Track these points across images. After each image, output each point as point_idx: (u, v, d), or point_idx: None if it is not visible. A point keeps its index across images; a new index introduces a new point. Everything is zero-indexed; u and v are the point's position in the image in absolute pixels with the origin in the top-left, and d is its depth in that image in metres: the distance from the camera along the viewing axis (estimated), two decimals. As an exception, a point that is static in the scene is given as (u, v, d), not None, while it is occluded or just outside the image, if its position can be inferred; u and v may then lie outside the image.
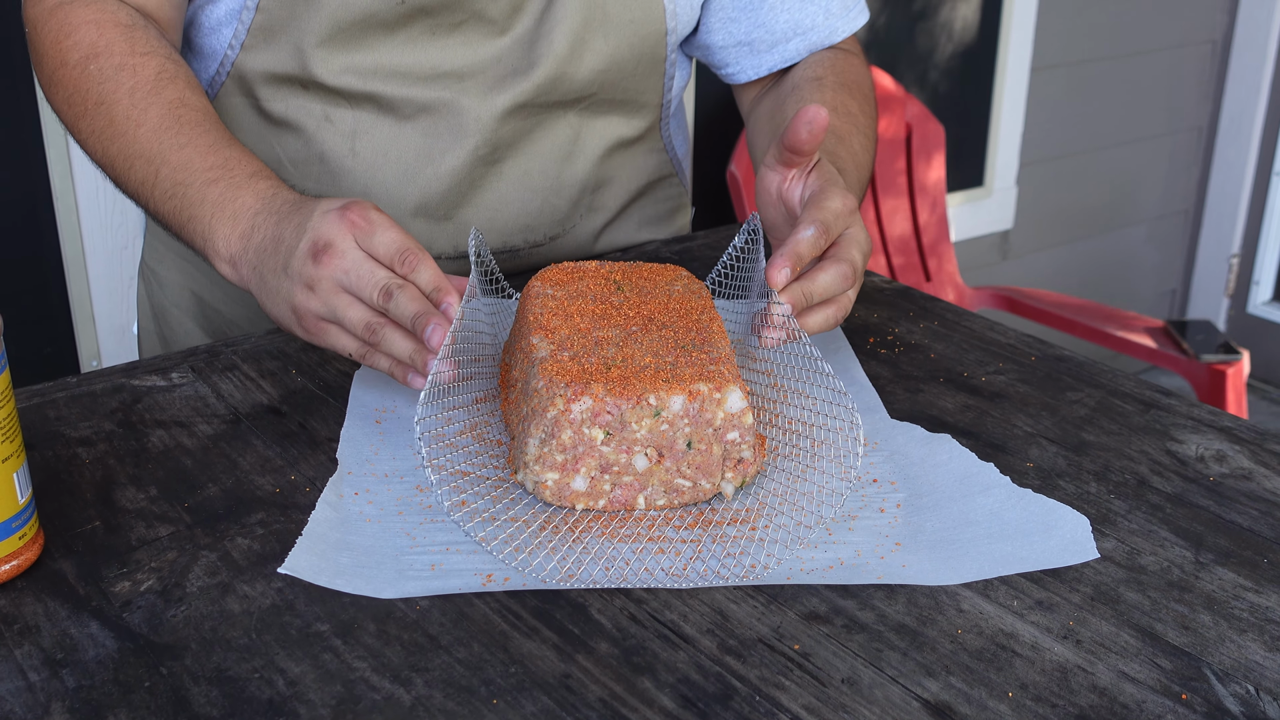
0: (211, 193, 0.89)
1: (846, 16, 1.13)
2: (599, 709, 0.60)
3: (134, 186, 0.95)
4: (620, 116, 1.13)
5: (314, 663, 0.63)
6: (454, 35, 1.03)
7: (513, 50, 1.04)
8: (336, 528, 0.72)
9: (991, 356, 0.97)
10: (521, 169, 1.09)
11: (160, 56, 0.96)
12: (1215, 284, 3.46)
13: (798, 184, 0.88)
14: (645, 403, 0.73)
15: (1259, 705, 0.61)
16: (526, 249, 1.12)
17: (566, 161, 1.11)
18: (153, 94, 0.93)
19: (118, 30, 0.96)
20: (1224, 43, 3.27)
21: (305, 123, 1.05)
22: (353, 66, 1.02)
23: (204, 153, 0.90)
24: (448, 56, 1.03)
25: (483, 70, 1.04)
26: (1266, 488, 0.79)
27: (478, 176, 1.08)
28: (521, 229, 1.11)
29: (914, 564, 0.71)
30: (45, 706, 0.60)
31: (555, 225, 1.12)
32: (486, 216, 1.09)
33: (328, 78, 1.02)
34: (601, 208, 1.16)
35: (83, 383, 0.90)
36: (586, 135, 1.11)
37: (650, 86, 1.12)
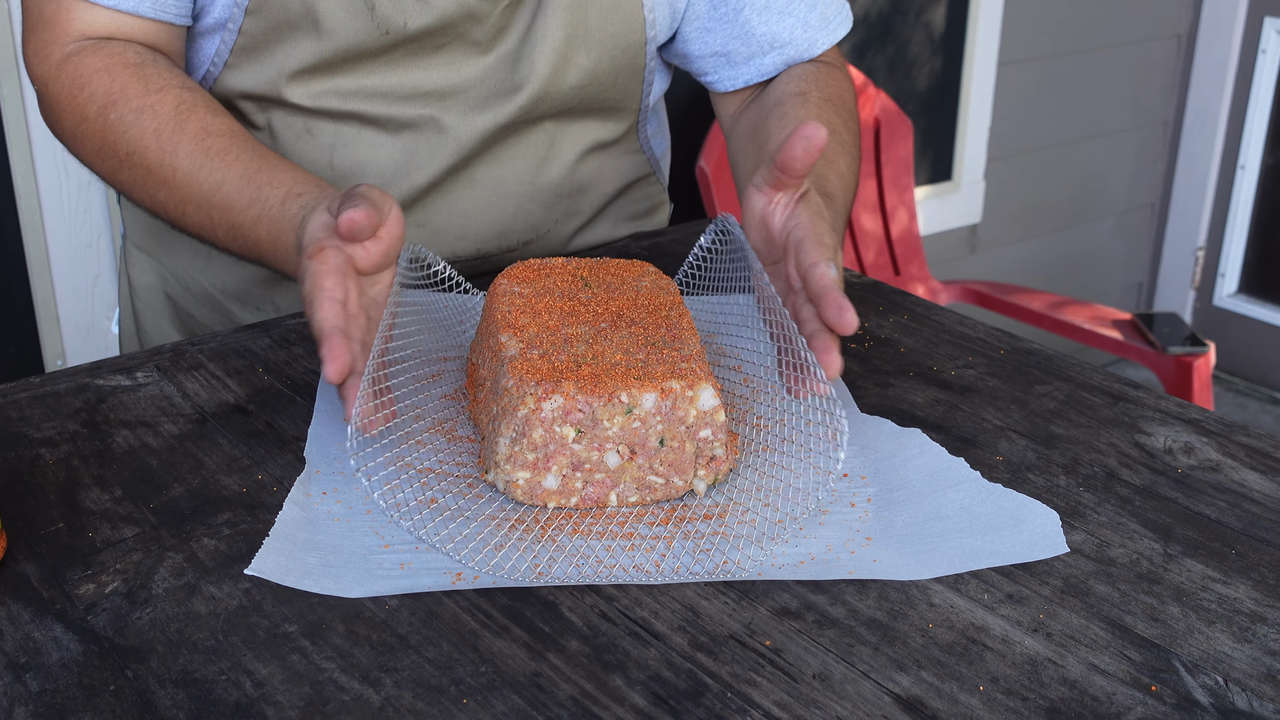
0: (261, 233, 0.90)
1: (826, 29, 1.11)
2: (570, 707, 0.60)
3: (195, 231, 0.96)
4: (596, 121, 1.12)
5: (282, 664, 0.62)
6: (436, 56, 1.02)
7: (496, 69, 1.03)
8: (304, 527, 0.72)
9: (961, 350, 0.97)
10: (495, 175, 1.08)
11: (175, 89, 0.95)
12: (1182, 277, 3.49)
13: (782, 211, 0.85)
14: (617, 400, 0.73)
15: (1227, 696, 0.61)
16: (499, 254, 1.11)
17: (542, 167, 1.10)
18: (177, 130, 0.93)
19: (129, 72, 0.95)
20: (1189, 37, 3.29)
21: (284, 134, 1.04)
22: (333, 89, 1.02)
23: (239, 187, 0.91)
24: (430, 76, 1.02)
25: (465, 90, 1.03)
26: (1234, 479, 0.80)
27: (451, 185, 1.07)
28: (495, 235, 1.10)
29: (885, 559, 0.71)
30: (8, 711, 0.59)
31: (529, 230, 1.12)
32: (460, 224, 1.09)
33: (306, 101, 1.02)
34: (578, 212, 1.15)
35: (46, 382, 0.89)
36: (561, 140, 1.10)
37: (629, 94, 1.11)
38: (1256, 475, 0.80)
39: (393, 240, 0.80)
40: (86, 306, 1.87)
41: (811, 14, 1.10)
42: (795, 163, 0.81)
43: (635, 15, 1.05)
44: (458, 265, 1.10)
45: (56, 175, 1.79)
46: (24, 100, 1.74)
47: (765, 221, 0.86)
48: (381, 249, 0.80)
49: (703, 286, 0.97)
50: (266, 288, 1.11)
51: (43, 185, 1.79)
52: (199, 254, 1.12)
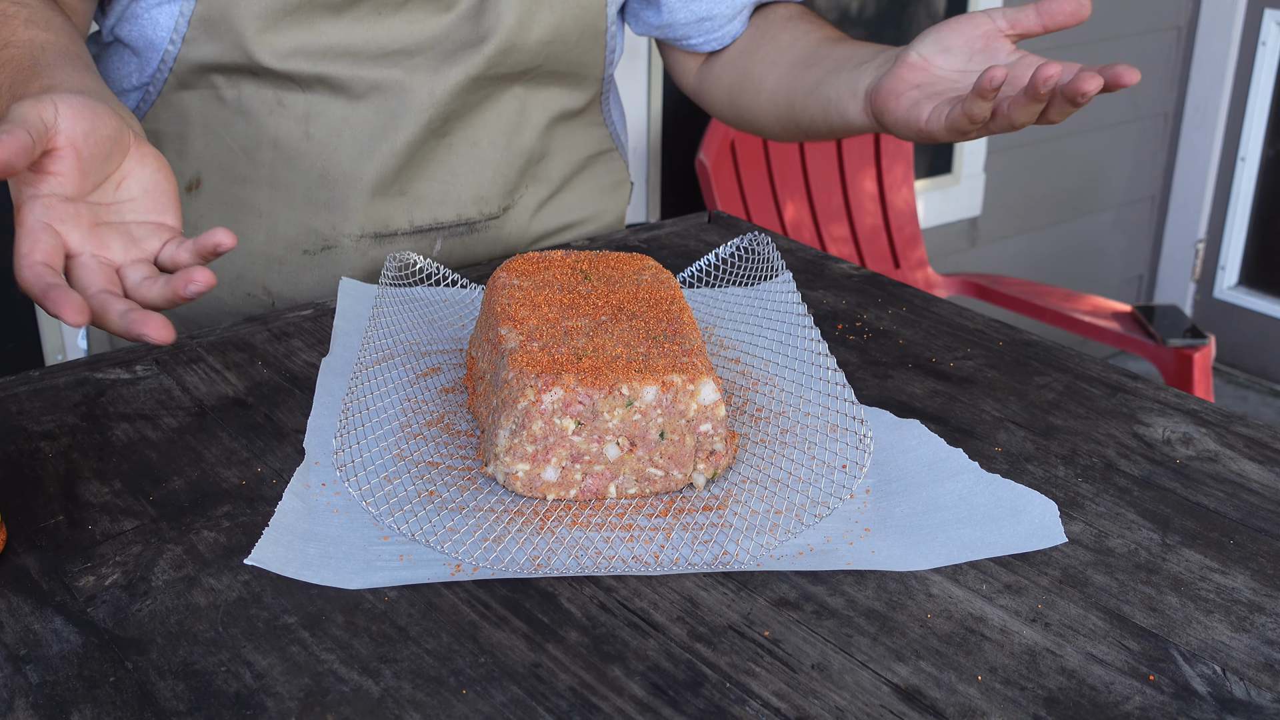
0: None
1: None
2: (569, 698, 0.60)
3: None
4: (563, 88, 1.14)
5: (281, 655, 0.62)
6: (399, 14, 1.03)
7: (459, 25, 1.05)
8: (304, 518, 0.72)
9: (960, 342, 0.97)
10: (470, 140, 1.09)
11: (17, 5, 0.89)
12: (1182, 269, 3.49)
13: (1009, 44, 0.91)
14: (618, 393, 0.73)
15: (1225, 685, 0.61)
16: (482, 220, 1.12)
17: (514, 132, 1.12)
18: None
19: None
20: (1189, 29, 3.29)
21: (257, 109, 1.04)
22: (301, 49, 1.02)
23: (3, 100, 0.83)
24: (395, 35, 1.03)
25: (431, 46, 1.04)
26: (1233, 470, 0.80)
27: (429, 150, 1.08)
28: (475, 199, 1.11)
29: (883, 549, 0.71)
30: (9, 703, 0.59)
31: (506, 196, 1.13)
32: (440, 189, 1.09)
33: (275, 63, 1.02)
34: (546, 179, 1.16)
35: (45, 376, 0.89)
36: (531, 106, 1.12)
37: (592, 59, 1.13)
38: (1255, 465, 0.80)
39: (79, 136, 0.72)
40: (86, 301, 1.87)
41: None
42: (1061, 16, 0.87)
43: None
44: (441, 230, 1.10)
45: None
46: (23, 95, 1.74)
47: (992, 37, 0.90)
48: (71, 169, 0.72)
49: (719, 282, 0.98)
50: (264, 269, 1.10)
51: (42, 180, 1.78)
52: None
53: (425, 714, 0.59)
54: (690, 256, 1.12)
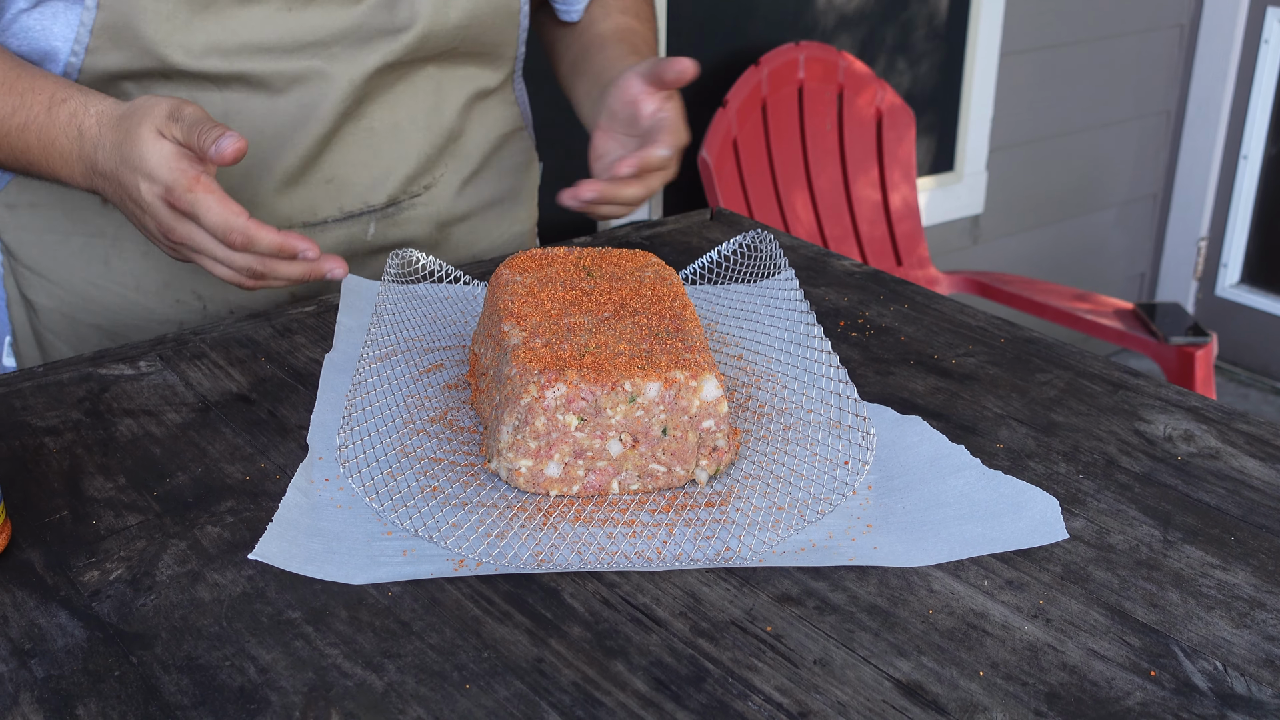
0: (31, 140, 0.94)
1: None
2: (572, 692, 0.60)
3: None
4: (478, 67, 1.15)
5: (285, 650, 0.62)
6: (310, 7, 1.02)
7: (373, 14, 1.04)
8: (307, 514, 0.72)
9: (961, 339, 0.97)
10: (391, 122, 1.09)
11: None
12: (1184, 267, 3.48)
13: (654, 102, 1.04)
14: (621, 389, 0.73)
15: (1226, 681, 0.62)
16: (407, 200, 1.12)
17: (433, 111, 1.12)
18: None
19: None
20: (1192, 26, 3.29)
21: None
22: (215, 47, 1.00)
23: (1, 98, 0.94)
24: (309, 27, 1.02)
25: (346, 36, 1.04)
26: (1233, 467, 0.80)
27: (351, 135, 1.07)
28: (402, 180, 1.11)
29: (885, 545, 0.71)
30: (14, 697, 0.59)
31: (428, 174, 1.13)
32: (367, 174, 1.09)
33: (189, 63, 0.99)
34: (465, 156, 1.17)
35: (49, 371, 0.89)
36: (448, 85, 1.12)
37: (507, 39, 1.14)
38: (1256, 462, 0.80)
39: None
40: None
41: None
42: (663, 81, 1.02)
43: None
44: (374, 214, 1.10)
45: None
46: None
47: (635, 103, 1.05)
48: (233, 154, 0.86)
49: (720, 279, 0.98)
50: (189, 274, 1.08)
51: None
52: (96, 259, 1.08)
53: (429, 708, 0.59)
54: (693, 253, 1.13)
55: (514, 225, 1.24)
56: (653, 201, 2.51)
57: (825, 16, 2.60)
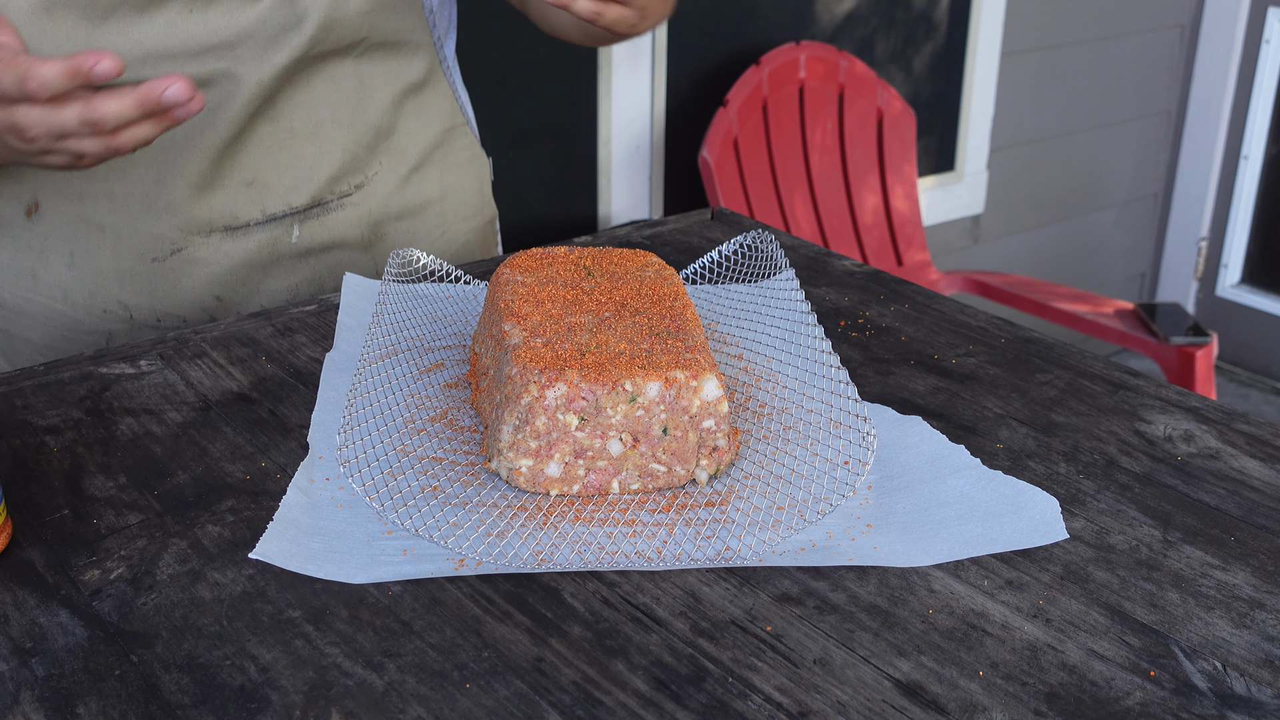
0: None
1: None
2: (572, 692, 0.60)
3: None
4: (398, 59, 1.13)
5: (286, 649, 0.63)
6: (210, 9, 1.01)
7: (274, 10, 1.03)
8: (308, 513, 0.72)
9: (962, 339, 0.97)
10: (311, 120, 1.08)
11: None
12: (1184, 267, 3.49)
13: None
14: (621, 388, 0.73)
15: (1226, 681, 0.62)
16: (335, 200, 1.11)
17: (357, 109, 1.10)
18: None
19: None
20: (1193, 27, 3.29)
21: None
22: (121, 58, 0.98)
23: None
24: (211, 29, 1.01)
25: (251, 35, 1.02)
26: (1234, 467, 0.80)
27: (268, 136, 1.06)
28: (327, 180, 1.10)
29: (885, 545, 0.71)
30: (14, 695, 0.59)
31: (358, 173, 1.12)
32: (289, 174, 1.08)
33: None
34: (401, 153, 1.15)
35: (50, 370, 0.89)
36: (371, 81, 1.11)
37: (416, 25, 1.13)
38: (1256, 463, 0.81)
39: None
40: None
41: None
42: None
43: None
44: (297, 215, 1.09)
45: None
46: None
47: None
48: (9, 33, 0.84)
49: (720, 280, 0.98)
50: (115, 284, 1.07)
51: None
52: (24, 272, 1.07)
53: (429, 708, 0.59)
54: (693, 253, 1.13)
55: (462, 223, 1.22)
56: (653, 201, 2.51)
57: (826, 16, 2.60)
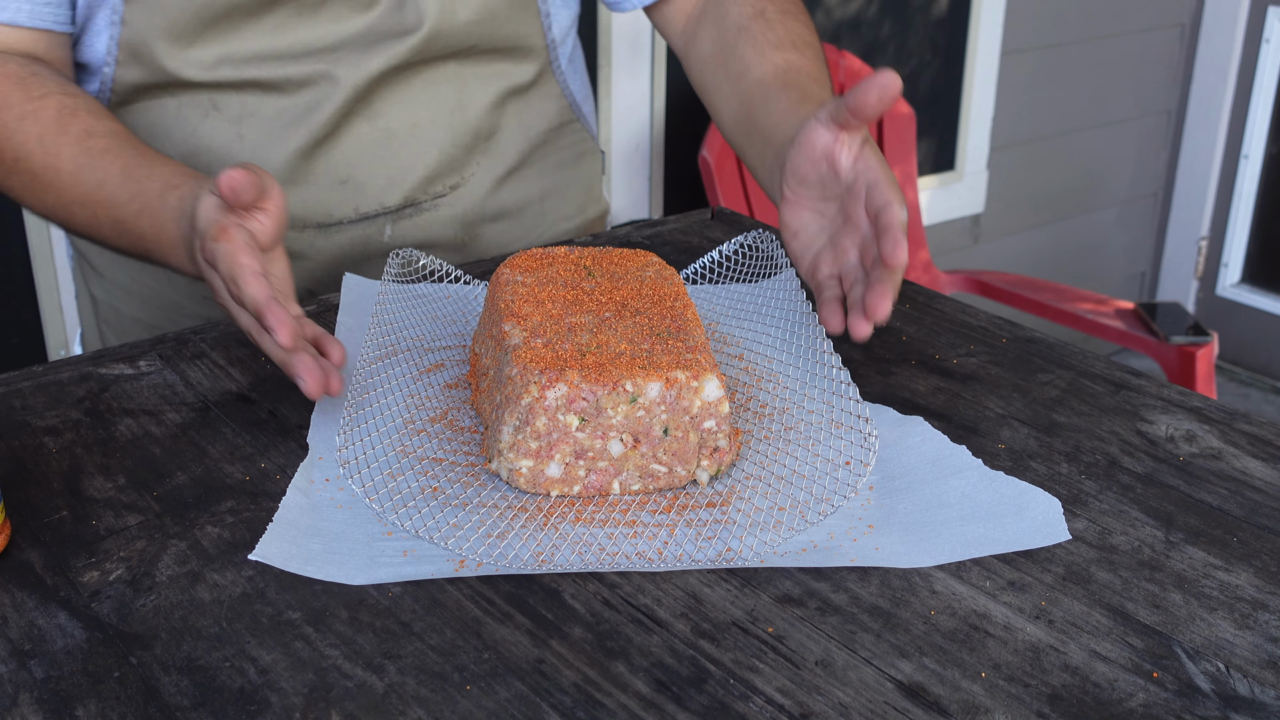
0: (144, 226, 0.92)
1: None
2: (573, 694, 0.60)
3: (83, 231, 0.98)
4: (505, 63, 1.12)
5: (285, 651, 0.62)
6: (320, 13, 1.02)
7: (383, 19, 1.04)
8: (307, 514, 0.72)
9: (963, 339, 0.97)
10: (409, 121, 1.08)
11: (56, 95, 0.96)
12: (1185, 266, 3.48)
13: (849, 152, 0.87)
14: (622, 389, 0.73)
15: (1229, 683, 0.61)
16: (429, 200, 1.11)
17: (457, 111, 1.10)
18: (60, 134, 0.95)
19: (9, 82, 0.96)
20: (1193, 26, 3.29)
21: (191, 116, 1.04)
22: (226, 58, 1.02)
23: (120, 183, 0.93)
24: (318, 34, 1.03)
25: (353, 41, 1.04)
26: (1236, 467, 0.80)
27: (365, 136, 1.07)
28: (421, 181, 1.10)
29: (887, 546, 0.71)
30: (13, 698, 0.59)
31: (454, 174, 1.12)
32: (384, 174, 1.09)
33: (201, 75, 1.02)
34: (499, 155, 1.15)
35: (49, 371, 0.89)
36: (473, 84, 1.11)
37: (530, 30, 1.12)
38: (1258, 463, 0.80)
39: (280, 213, 0.83)
40: (89, 296, 1.87)
41: None
42: (869, 108, 0.84)
43: None
44: (390, 214, 1.10)
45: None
46: (26, 90, 1.74)
47: (828, 158, 0.88)
48: (273, 223, 0.82)
49: (718, 279, 0.97)
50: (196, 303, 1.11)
51: (45, 175, 1.78)
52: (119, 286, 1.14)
53: (429, 710, 0.59)
54: (693, 253, 1.12)
55: (564, 222, 1.22)
56: (653, 201, 2.51)
57: (826, 16, 2.60)
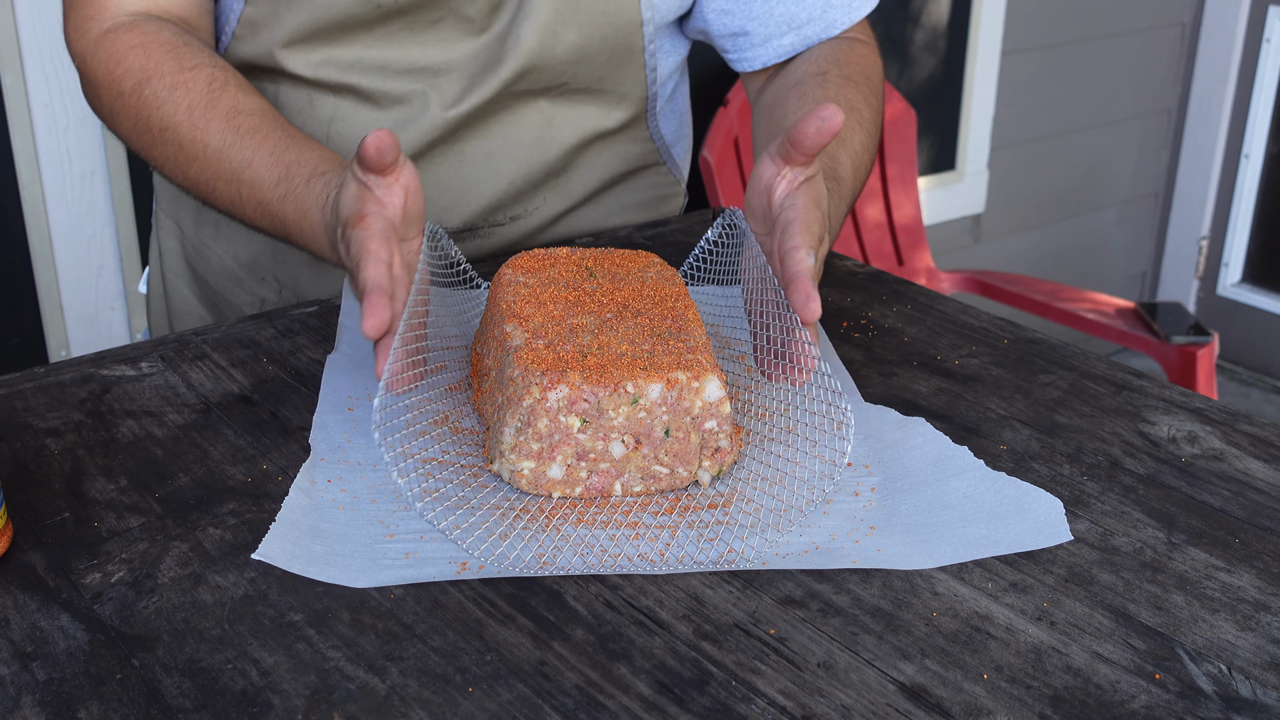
0: (288, 210, 0.92)
1: (847, 8, 1.10)
2: (575, 696, 0.60)
3: (224, 207, 0.98)
4: (597, 107, 1.11)
5: (288, 653, 0.62)
6: (432, 31, 1.03)
7: (489, 46, 1.04)
8: (310, 515, 0.72)
9: (964, 340, 0.97)
10: (485, 150, 1.08)
11: (208, 67, 0.97)
12: (1185, 266, 3.48)
13: (785, 187, 0.83)
14: (623, 390, 0.73)
15: (1231, 684, 0.61)
16: (486, 228, 1.12)
17: (535, 146, 1.10)
18: (209, 108, 0.95)
19: (163, 50, 0.97)
20: (1193, 25, 3.28)
21: (288, 107, 1.06)
22: (332, 60, 1.03)
23: (268, 165, 0.93)
24: (426, 52, 1.03)
25: (458, 67, 1.04)
26: (1237, 468, 0.80)
27: (439, 157, 1.08)
28: (483, 210, 1.10)
29: (889, 547, 0.71)
30: (15, 700, 0.59)
31: (517, 206, 1.12)
32: (449, 196, 1.09)
33: (306, 71, 1.03)
34: (567, 192, 1.15)
35: (51, 373, 0.89)
36: (559, 122, 1.10)
37: (629, 78, 1.10)
38: (1260, 464, 0.80)
39: (414, 194, 0.80)
40: (90, 297, 1.88)
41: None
42: (806, 140, 0.80)
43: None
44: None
45: (60, 166, 1.79)
46: (26, 90, 1.74)
47: (768, 191, 0.84)
48: (405, 203, 0.80)
49: (707, 279, 0.97)
50: (273, 259, 1.12)
51: (46, 175, 1.79)
52: (208, 221, 1.14)
53: (431, 711, 0.59)
54: (695, 254, 1.12)
55: None
56: (654, 200, 2.50)
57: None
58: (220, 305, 1.18)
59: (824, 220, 0.82)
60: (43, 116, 1.76)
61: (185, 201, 1.15)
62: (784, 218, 0.81)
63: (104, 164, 1.82)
